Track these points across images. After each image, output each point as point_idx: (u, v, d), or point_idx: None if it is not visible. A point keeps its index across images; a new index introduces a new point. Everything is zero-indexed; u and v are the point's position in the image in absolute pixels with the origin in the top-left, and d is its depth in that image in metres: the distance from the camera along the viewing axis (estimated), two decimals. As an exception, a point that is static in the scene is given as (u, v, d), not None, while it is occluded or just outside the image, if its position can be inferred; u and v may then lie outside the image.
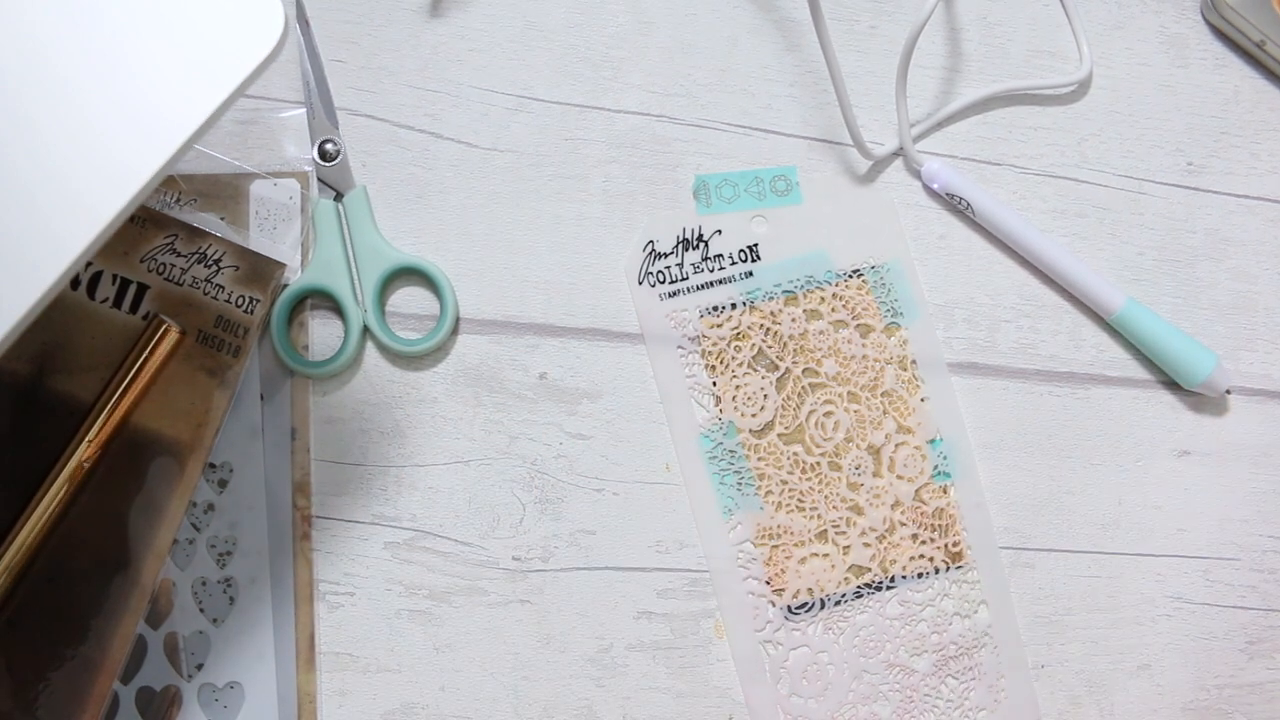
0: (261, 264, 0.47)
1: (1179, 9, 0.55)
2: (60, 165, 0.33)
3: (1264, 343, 0.51)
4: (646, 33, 0.52)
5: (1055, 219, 0.52)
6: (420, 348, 0.48)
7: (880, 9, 0.54)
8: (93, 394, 0.45)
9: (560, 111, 0.51)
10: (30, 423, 0.45)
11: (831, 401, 0.48)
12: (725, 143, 0.51)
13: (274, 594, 0.46)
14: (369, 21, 0.51)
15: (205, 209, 0.48)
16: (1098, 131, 0.53)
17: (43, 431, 0.45)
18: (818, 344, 0.49)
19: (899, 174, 0.52)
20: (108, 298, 0.46)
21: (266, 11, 0.35)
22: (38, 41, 0.33)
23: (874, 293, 0.50)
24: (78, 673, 0.43)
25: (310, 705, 0.45)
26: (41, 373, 0.45)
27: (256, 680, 0.45)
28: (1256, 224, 0.53)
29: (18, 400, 0.45)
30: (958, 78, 0.53)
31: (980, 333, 0.50)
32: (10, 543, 0.43)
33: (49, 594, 0.44)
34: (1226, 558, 0.49)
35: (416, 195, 0.50)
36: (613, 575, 0.47)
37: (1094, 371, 0.50)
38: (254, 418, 0.47)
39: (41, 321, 0.46)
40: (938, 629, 0.47)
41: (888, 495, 0.48)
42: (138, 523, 0.45)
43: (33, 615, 0.44)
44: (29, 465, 0.44)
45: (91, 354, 0.46)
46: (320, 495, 0.47)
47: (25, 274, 0.32)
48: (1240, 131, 0.54)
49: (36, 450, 0.45)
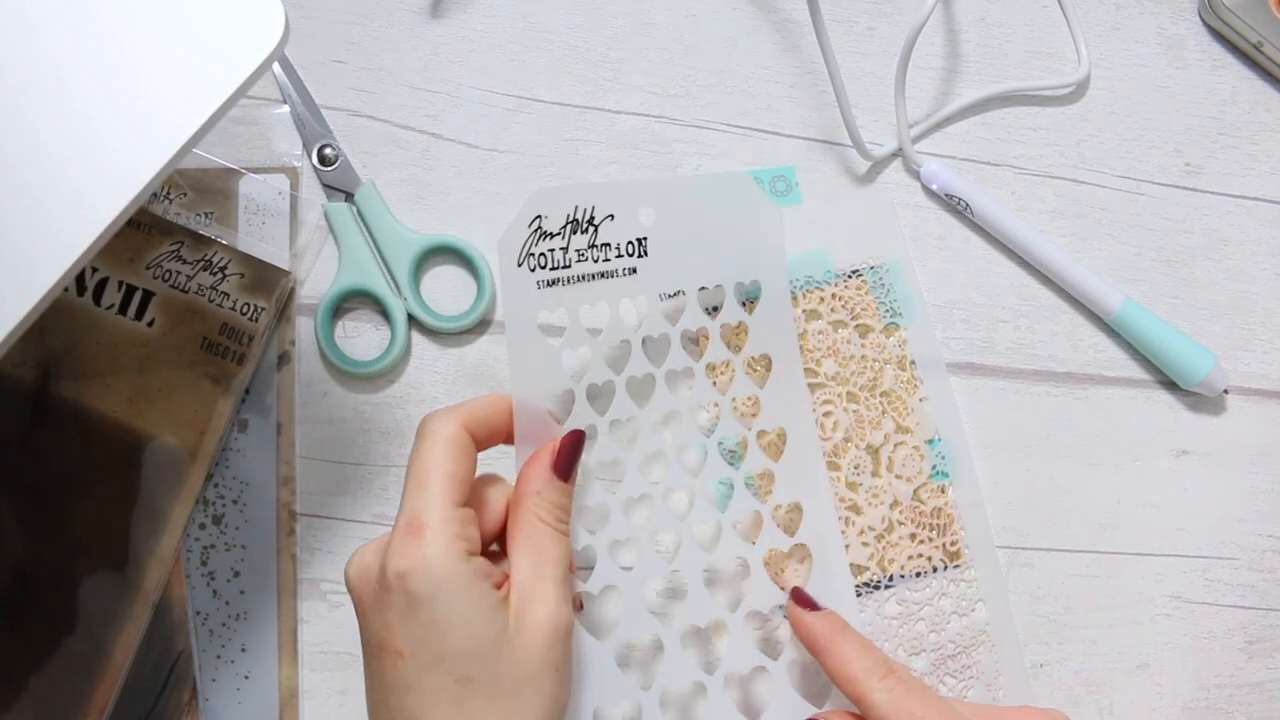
0: (267, 271, 0.47)
1: (1177, 10, 0.55)
2: (61, 166, 0.33)
3: (1261, 342, 0.52)
4: (646, 33, 0.52)
5: (1053, 219, 0.52)
6: (468, 320, 0.48)
7: (879, 10, 0.54)
8: (99, 400, 0.45)
9: (560, 112, 0.51)
10: (37, 428, 0.45)
11: (830, 401, 0.48)
12: (725, 143, 0.51)
13: (259, 588, 0.46)
14: (369, 22, 0.51)
15: (195, 205, 0.48)
16: (1096, 132, 0.53)
17: (49, 437, 0.45)
18: (817, 344, 0.49)
19: (898, 174, 0.52)
20: (113, 304, 0.46)
21: (266, 11, 0.35)
22: (38, 42, 0.33)
23: (873, 293, 0.50)
24: (79, 678, 0.43)
25: (292, 700, 0.45)
26: (48, 378, 0.45)
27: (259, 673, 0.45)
28: (1254, 224, 0.53)
29: (25, 406, 0.45)
30: (956, 79, 0.53)
31: (979, 333, 0.51)
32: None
33: (51, 600, 0.44)
34: (1225, 557, 0.49)
35: (417, 196, 0.50)
36: (612, 575, 0.47)
37: (1092, 371, 0.51)
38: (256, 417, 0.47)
39: (47, 327, 0.46)
40: (936, 628, 0.47)
41: (886, 495, 0.48)
42: (140, 529, 0.45)
43: (35, 621, 0.44)
44: (36, 470, 0.45)
45: (97, 360, 0.46)
46: (320, 495, 0.47)
47: (26, 275, 0.32)
48: (1238, 132, 0.54)
49: (43, 456, 0.45)
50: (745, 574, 0.45)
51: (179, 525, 0.45)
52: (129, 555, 0.45)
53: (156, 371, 0.46)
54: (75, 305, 0.46)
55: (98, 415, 0.45)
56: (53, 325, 0.46)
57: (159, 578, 0.45)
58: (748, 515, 0.45)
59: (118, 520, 0.45)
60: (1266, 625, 0.49)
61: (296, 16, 0.51)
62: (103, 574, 0.44)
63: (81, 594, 0.44)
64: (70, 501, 0.45)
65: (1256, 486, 0.50)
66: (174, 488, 0.45)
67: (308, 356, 0.48)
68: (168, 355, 0.46)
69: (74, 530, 0.45)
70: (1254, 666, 0.49)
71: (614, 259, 0.42)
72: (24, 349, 0.46)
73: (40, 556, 0.44)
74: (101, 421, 0.45)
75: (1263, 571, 0.49)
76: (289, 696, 0.45)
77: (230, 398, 0.46)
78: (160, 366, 0.46)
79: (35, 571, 0.44)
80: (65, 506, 0.45)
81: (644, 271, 0.43)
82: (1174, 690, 0.48)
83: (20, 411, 0.45)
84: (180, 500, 0.45)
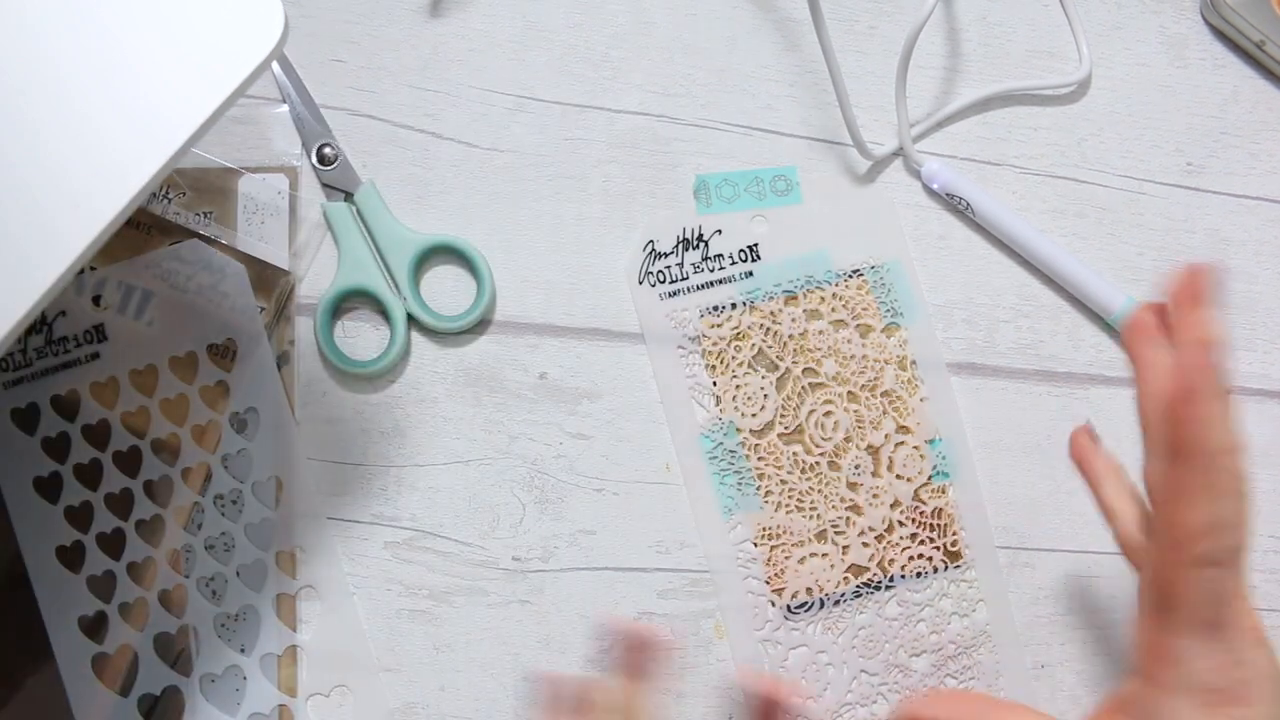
0: (266, 272, 0.47)
1: (1178, 9, 0.55)
2: (60, 165, 0.33)
3: (1264, 342, 0.51)
4: (646, 33, 0.52)
5: (1055, 219, 0.52)
6: (468, 320, 0.48)
7: (880, 9, 0.54)
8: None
9: (560, 111, 0.51)
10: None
11: (831, 401, 0.48)
12: (725, 143, 0.51)
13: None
14: (369, 21, 0.51)
15: (195, 205, 0.48)
16: (1097, 132, 0.53)
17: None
18: (817, 344, 0.49)
19: (899, 174, 0.52)
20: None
21: (266, 10, 0.35)
22: (38, 42, 0.33)
23: (874, 293, 0.50)
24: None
25: (292, 700, 0.45)
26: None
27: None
28: (1256, 224, 0.53)
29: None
30: (957, 78, 0.53)
31: (979, 333, 0.50)
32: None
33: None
34: (1226, 557, 0.49)
35: (417, 195, 0.50)
36: (613, 575, 0.47)
37: (1093, 371, 0.50)
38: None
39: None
40: (936, 629, 0.47)
41: (887, 495, 0.48)
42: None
43: (33, 620, 0.44)
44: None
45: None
46: (320, 495, 0.47)
47: (25, 274, 0.32)
48: (1239, 131, 0.54)
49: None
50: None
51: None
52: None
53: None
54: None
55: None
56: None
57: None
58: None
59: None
60: (1268, 626, 0.49)
61: (296, 15, 0.50)
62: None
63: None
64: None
65: (1258, 487, 0.50)
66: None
67: (307, 356, 0.48)
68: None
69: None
70: (1255, 667, 0.49)
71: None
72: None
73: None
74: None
75: (1264, 572, 0.49)
76: (289, 697, 0.45)
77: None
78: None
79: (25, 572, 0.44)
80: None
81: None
82: (1175, 691, 0.48)
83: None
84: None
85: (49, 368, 0.45)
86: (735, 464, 0.48)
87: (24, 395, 0.45)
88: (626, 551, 0.48)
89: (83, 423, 0.45)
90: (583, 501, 0.48)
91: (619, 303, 0.49)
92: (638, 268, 0.49)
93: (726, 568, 0.47)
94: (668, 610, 0.47)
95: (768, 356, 0.49)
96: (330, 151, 0.49)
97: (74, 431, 0.45)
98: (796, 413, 0.48)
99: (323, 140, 0.49)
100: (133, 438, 0.45)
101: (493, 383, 0.48)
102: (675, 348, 0.49)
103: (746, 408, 0.48)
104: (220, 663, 0.45)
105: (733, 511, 0.47)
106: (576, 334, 0.49)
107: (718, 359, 0.49)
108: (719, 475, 0.48)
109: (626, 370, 0.49)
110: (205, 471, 0.46)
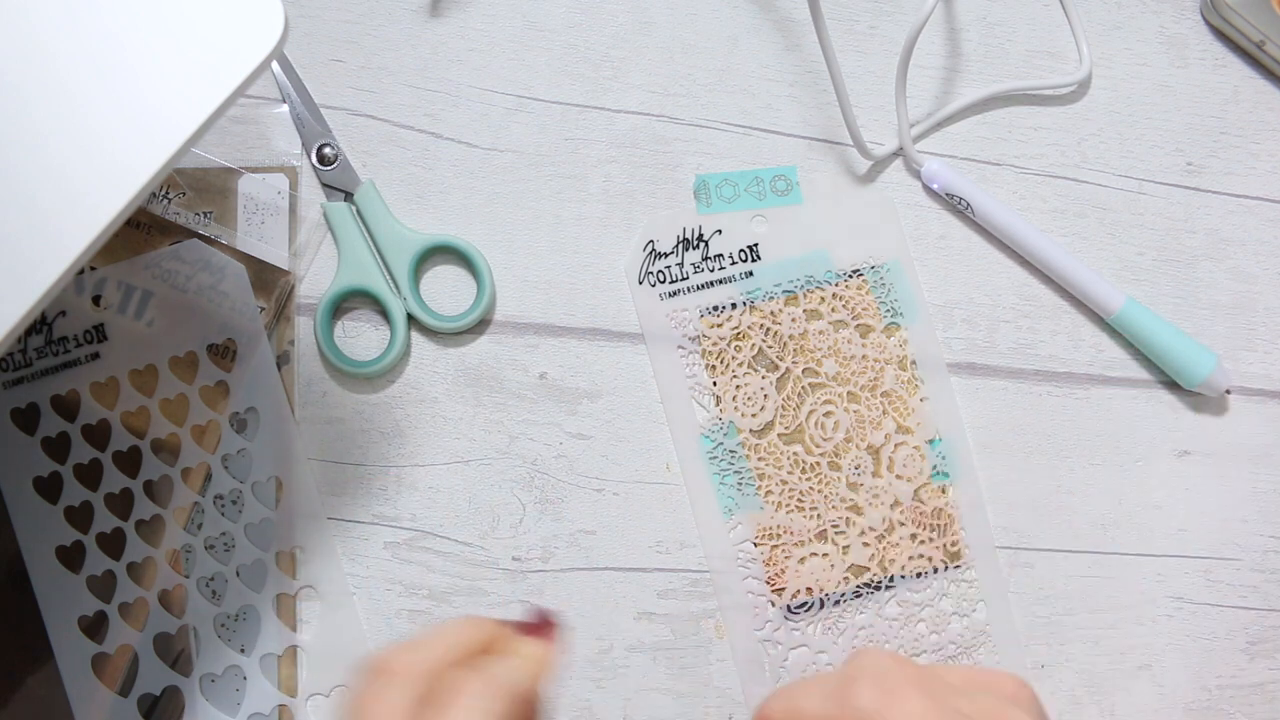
0: (266, 272, 0.47)
1: (1178, 9, 0.55)
2: (60, 165, 0.33)
3: (1264, 342, 0.51)
4: (646, 33, 0.52)
5: (1055, 219, 0.52)
6: (468, 320, 0.48)
7: (880, 9, 0.54)
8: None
9: (560, 111, 0.51)
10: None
11: (831, 401, 0.48)
12: (725, 143, 0.51)
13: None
14: (369, 21, 0.51)
15: (195, 205, 0.48)
16: (1097, 131, 0.53)
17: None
18: (818, 344, 0.49)
19: (899, 174, 0.52)
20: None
21: (265, 10, 0.35)
22: (38, 42, 0.33)
23: (874, 293, 0.50)
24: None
25: (292, 700, 0.45)
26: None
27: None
28: (1256, 224, 0.53)
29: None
30: (957, 78, 0.53)
31: (980, 333, 0.50)
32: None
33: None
34: (1227, 558, 0.49)
35: (416, 195, 0.50)
36: (613, 575, 0.47)
37: (1093, 371, 0.50)
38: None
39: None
40: (936, 629, 0.47)
41: (887, 495, 0.48)
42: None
43: (32, 621, 0.44)
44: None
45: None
46: (320, 495, 0.47)
47: (25, 274, 0.32)
48: (1240, 131, 0.54)
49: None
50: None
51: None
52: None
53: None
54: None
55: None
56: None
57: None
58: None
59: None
60: (1268, 626, 0.49)
61: (296, 15, 0.50)
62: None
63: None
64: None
65: (1258, 487, 0.50)
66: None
67: (307, 356, 0.48)
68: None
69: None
70: (1256, 667, 0.49)
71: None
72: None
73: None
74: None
75: (1265, 572, 0.49)
76: (289, 697, 0.45)
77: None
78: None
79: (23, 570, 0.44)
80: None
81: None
82: (1175, 691, 0.48)
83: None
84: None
85: (49, 368, 0.45)
86: (735, 464, 0.48)
87: (24, 395, 0.45)
88: (626, 552, 0.48)
89: (83, 423, 0.45)
90: (582, 501, 0.48)
91: (619, 303, 0.49)
92: (638, 268, 0.49)
93: (726, 568, 0.47)
94: (668, 610, 0.47)
95: (768, 356, 0.49)
96: (330, 151, 0.49)
97: (74, 431, 0.45)
98: (796, 413, 0.48)
99: (323, 140, 0.49)
100: (133, 438, 0.45)
101: (493, 383, 0.48)
102: (675, 348, 0.49)
103: (746, 408, 0.48)
104: (220, 663, 0.45)
105: (733, 511, 0.47)
106: (576, 334, 0.49)
107: (718, 359, 0.49)
108: (719, 475, 0.48)
109: (626, 370, 0.49)
110: (205, 471, 0.46)
